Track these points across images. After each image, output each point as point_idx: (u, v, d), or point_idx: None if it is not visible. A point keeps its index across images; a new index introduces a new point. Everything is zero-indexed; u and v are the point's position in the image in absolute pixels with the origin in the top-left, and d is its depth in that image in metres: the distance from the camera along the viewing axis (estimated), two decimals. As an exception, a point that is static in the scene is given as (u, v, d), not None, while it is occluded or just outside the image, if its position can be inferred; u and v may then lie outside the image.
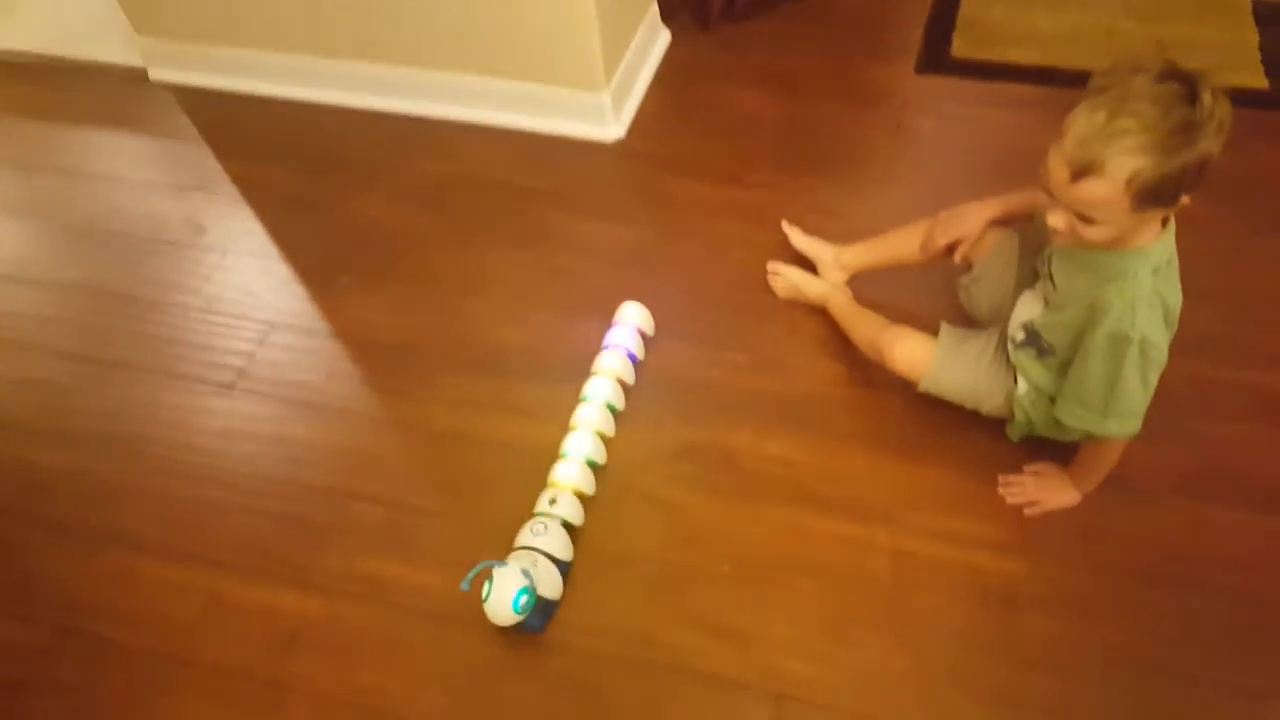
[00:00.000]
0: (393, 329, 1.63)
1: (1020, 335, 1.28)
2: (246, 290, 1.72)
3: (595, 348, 1.55)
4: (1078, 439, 1.31)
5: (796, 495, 1.36)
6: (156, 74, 2.15)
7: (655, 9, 2.07)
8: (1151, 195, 1.00)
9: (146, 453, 1.49)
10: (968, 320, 1.46)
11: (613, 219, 1.78)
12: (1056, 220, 1.08)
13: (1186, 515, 1.31)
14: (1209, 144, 0.97)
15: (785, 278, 1.60)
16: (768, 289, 1.63)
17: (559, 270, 1.70)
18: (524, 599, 1.18)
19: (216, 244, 1.80)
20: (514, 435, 1.46)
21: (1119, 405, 1.16)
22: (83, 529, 1.40)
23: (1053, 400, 1.25)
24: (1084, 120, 0.99)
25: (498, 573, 1.19)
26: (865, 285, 1.58)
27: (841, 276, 1.59)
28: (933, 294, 1.55)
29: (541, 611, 1.23)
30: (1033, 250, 1.31)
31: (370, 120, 2.01)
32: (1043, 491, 1.33)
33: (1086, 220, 1.05)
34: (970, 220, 1.36)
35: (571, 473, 1.36)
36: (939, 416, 1.39)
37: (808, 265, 1.61)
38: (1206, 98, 0.96)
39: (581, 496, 1.36)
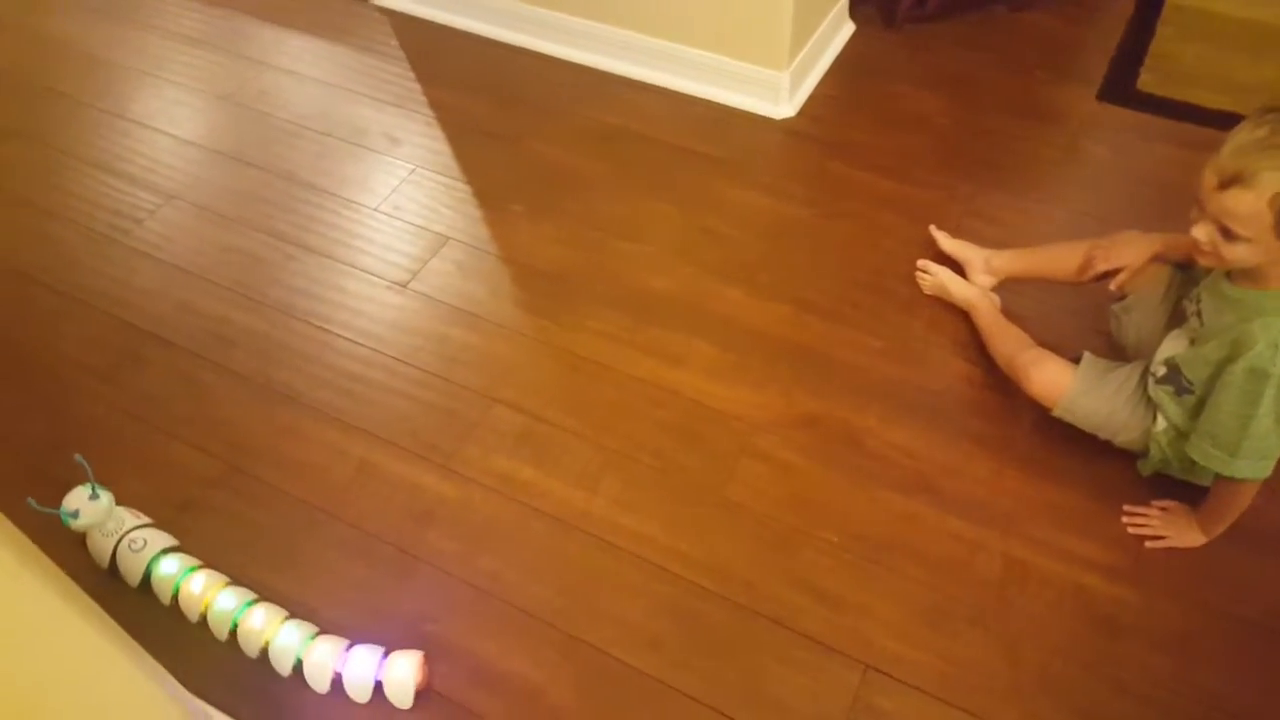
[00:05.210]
0: (552, 258, 1.62)
1: (1161, 370, 1.18)
2: (428, 204, 1.73)
3: (732, 313, 1.50)
4: (1208, 484, 1.20)
5: (915, 484, 1.29)
6: (377, -3, 2.19)
7: (845, 1, 1.98)
8: None
9: (325, 329, 1.52)
10: (1110, 347, 1.35)
11: (770, 192, 1.71)
12: (1199, 232, 1.01)
13: (1315, 579, 1.18)
14: None
15: (935, 277, 1.51)
16: (913, 282, 1.54)
17: (711, 231, 1.65)
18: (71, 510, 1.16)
19: (407, 157, 1.83)
20: (649, 373, 1.43)
21: (1251, 445, 1.06)
22: (262, 384, 1.44)
23: (1187, 438, 1.14)
24: (1245, 133, 0.95)
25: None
26: (1011, 295, 1.47)
27: (989, 281, 1.49)
28: (1079, 316, 1.44)
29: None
30: (1187, 291, 1.21)
31: (559, 67, 1.99)
32: (1168, 528, 1.22)
33: (1229, 235, 0.98)
34: (1135, 251, 1.27)
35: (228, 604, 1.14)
36: (1071, 436, 1.28)
37: (956, 269, 1.52)
38: None
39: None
